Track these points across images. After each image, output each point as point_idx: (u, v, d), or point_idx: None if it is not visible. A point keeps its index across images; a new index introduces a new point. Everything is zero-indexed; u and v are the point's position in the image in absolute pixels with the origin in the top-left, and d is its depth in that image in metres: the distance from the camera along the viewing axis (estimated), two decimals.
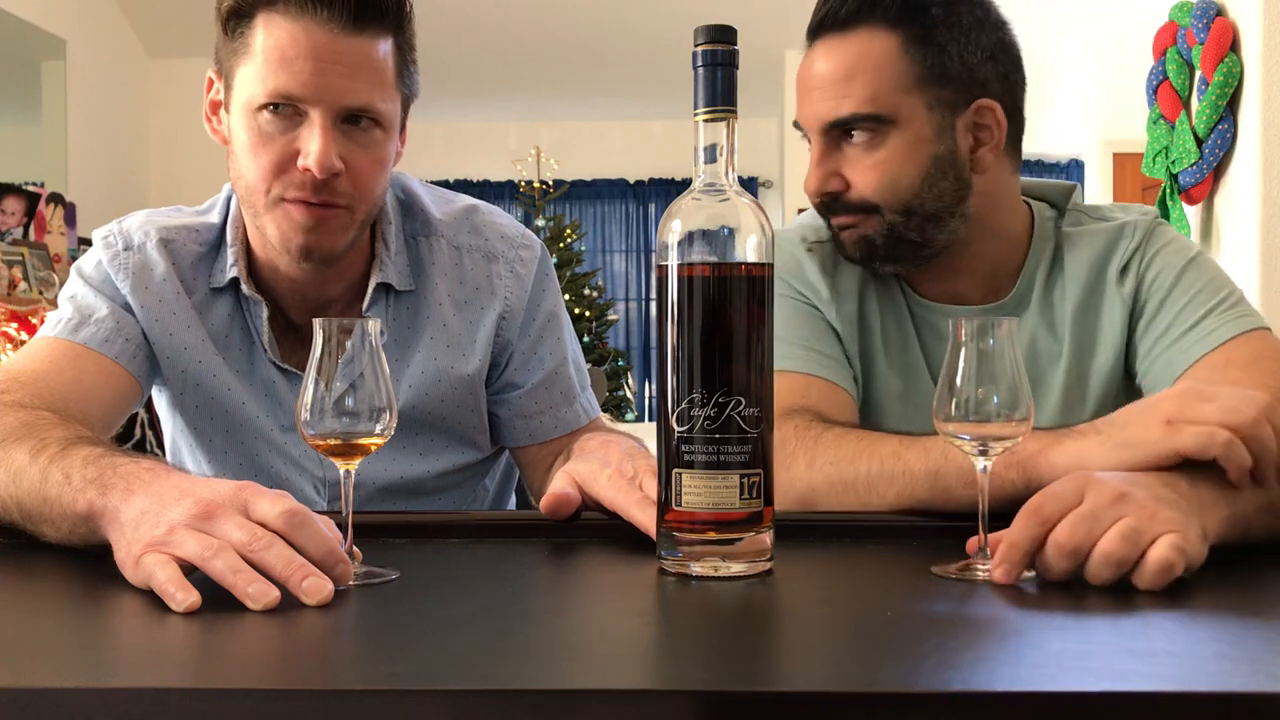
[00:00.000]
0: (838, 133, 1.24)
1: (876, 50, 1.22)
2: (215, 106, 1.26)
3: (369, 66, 1.16)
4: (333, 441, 0.85)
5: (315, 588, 0.77)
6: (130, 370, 1.25)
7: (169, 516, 0.81)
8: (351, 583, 0.82)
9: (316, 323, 0.86)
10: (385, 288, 1.30)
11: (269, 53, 1.15)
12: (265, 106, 1.16)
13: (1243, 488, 0.90)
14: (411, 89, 1.24)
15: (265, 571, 0.78)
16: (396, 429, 0.87)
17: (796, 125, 1.29)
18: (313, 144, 1.14)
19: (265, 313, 1.28)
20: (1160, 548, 0.79)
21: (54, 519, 0.92)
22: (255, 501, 0.82)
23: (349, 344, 0.85)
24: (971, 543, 0.87)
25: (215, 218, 1.33)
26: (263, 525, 0.81)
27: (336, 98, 1.15)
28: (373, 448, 0.86)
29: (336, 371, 0.85)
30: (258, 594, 0.76)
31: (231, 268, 1.28)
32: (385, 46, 1.18)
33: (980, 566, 0.84)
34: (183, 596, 0.75)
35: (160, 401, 1.36)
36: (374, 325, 0.86)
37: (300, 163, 1.15)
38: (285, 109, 1.15)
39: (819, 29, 1.25)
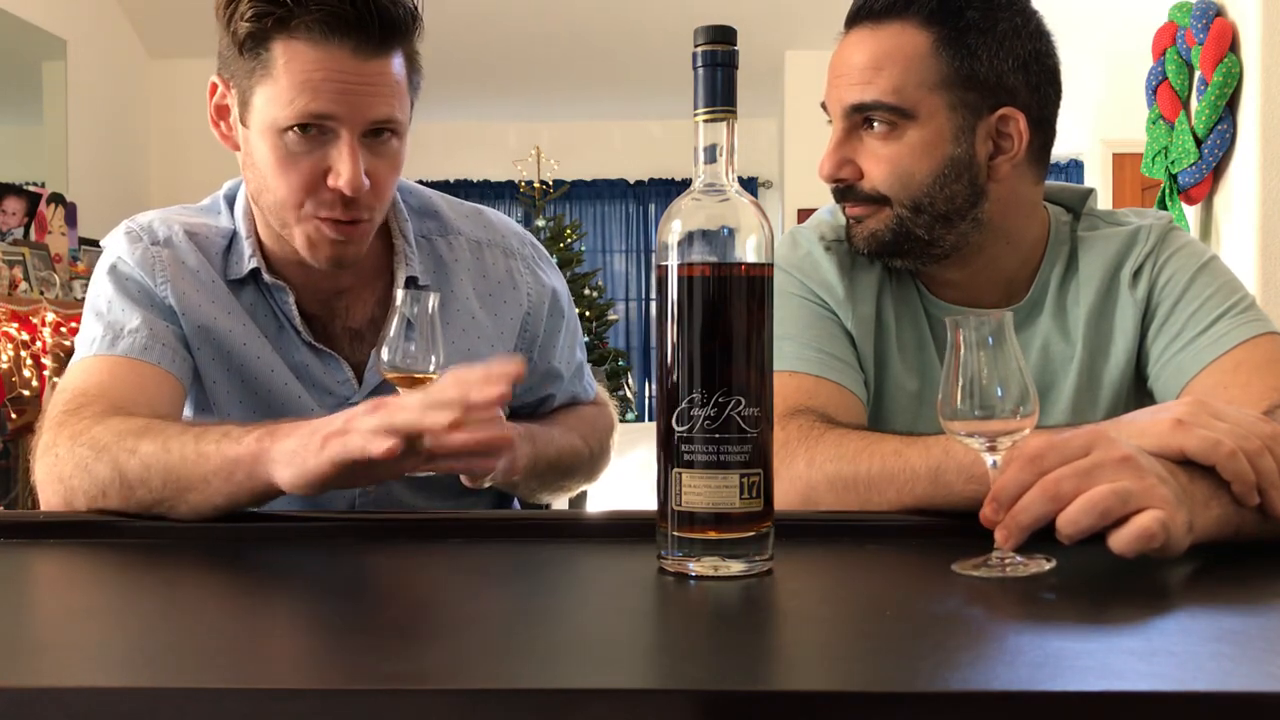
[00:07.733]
0: (858, 119, 1.25)
1: (907, 45, 1.23)
2: (223, 112, 1.27)
3: (388, 82, 1.20)
4: (400, 375, 1.15)
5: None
6: (173, 372, 1.26)
7: (344, 417, 0.96)
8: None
9: (398, 292, 1.15)
10: (409, 281, 1.34)
11: (294, 76, 1.16)
12: (292, 127, 1.18)
13: (1248, 503, 0.89)
14: (417, 91, 1.27)
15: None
16: None
17: (823, 106, 1.30)
18: (344, 165, 1.18)
19: (292, 298, 1.31)
20: (1147, 515, 0.80)
21: (208, 474, 1.01)
22: None
23: (416, 307, 1.14)
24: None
25: (224, 217, 1.36)
26: None
27: (363, 116, 1.19)
28: (428, 380, 1.13)
29: (405, 325, 1.14)
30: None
31: (250, 259, 1.31)
32: (399, 60, 1.21)
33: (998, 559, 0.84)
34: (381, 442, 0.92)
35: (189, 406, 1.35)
36: (434, 297, 1.16)
37: (331, 182, 1.19)
38: (311, 129, 1.18)
39: (855, 18, 1.27)
